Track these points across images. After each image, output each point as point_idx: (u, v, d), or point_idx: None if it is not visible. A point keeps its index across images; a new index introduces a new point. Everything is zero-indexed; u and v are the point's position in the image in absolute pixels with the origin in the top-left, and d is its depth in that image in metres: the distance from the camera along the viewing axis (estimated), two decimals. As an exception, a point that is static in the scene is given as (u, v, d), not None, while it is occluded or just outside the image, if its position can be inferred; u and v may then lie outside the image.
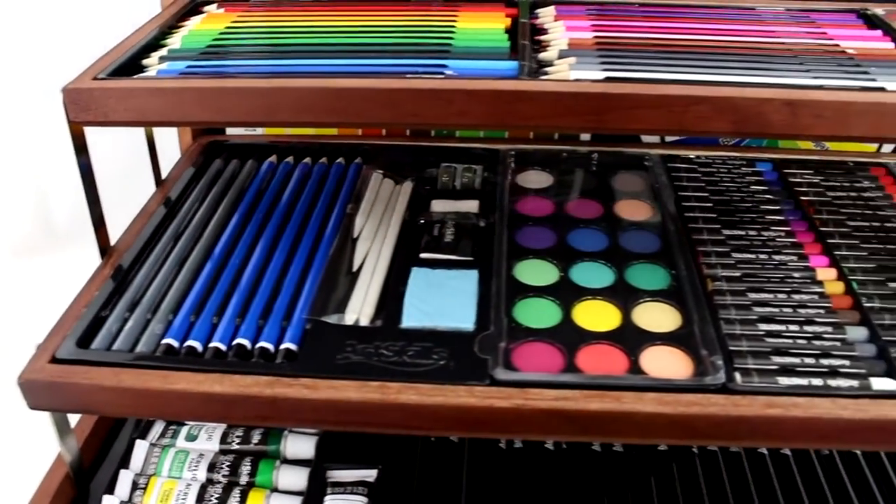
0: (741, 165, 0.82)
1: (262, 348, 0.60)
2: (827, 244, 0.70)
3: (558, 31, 0.68)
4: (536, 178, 0.80)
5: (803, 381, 0.57)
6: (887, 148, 0.87)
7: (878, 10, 0.72)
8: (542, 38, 0.67)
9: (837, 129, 0.55)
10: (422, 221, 0.73)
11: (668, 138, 0.87)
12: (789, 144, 0.87)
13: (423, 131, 0.88)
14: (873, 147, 0.87)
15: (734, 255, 0.68)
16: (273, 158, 0.84)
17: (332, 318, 0.62)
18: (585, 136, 0.88)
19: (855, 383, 0.57)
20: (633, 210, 0.75)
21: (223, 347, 0.61)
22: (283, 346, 0.60)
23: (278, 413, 0.57)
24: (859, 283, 0.66)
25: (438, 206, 0.75)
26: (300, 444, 0.71)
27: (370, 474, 0.69)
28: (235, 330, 0.62)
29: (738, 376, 0.57)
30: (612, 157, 0.83)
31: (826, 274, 0.67)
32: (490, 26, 0.69)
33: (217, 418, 0.63)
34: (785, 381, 0.57)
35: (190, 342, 0.61)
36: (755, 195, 0.77)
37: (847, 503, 0.69)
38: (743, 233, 0.71)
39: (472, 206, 0.74)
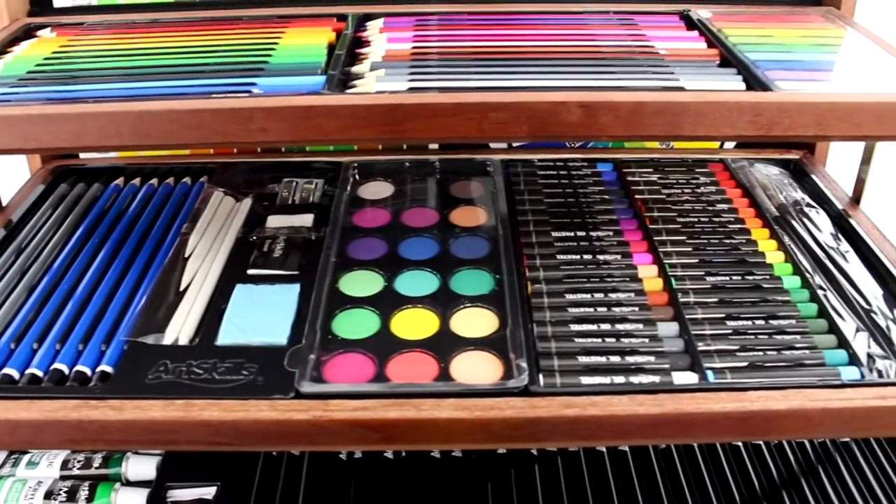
0: (582, 167, 0.82)
1: (78, 372, 0.61)
2: (653, 241, 0.71)
3: (379, 43, 0.69)
4: (377, 189, 0.81)
5: (605, 380, 0.58)
6: (730, 143, 0.88)
7: (704, 13, 0.73)
8: (362, 51, 0.68)
9: (635, 129, 0.56)
10: (254, 238, 0.73)
11: (515, 143, 0.88)
12: (636, 144, 0.88)
13: (274, 147, 0.88)
14: (717, 144, 0.88)
15: (559, 256, 0.69)
16: (120, 181, 0.84)
17: (150, 339, 0.62)
18: (434, 145, 0.88)
19: (657, 379, 0.58)
20: (468, 217, 0.75)
21: (40, 374, 0.61)
22: (99, 369, 0.61)
23: (86, 436, 0.57)
24: (677, 279, 0.67)
25: (273, 221, 0.75)
26: (141, 466, 0.70)
27: (209, 492, 0.69)
28: (55, 355, 0.62)
29: (541, 378, 0.58)
30: (455, 164, 0.84)
31: (647, 271, 0.69)
32: (313, 42, 0.69)
33: (26, 445, 0.63)
34: (587, 380, 0.58)
35: (6, 370, 0.61)
36: (591, 196, 0.78)
37: (680, 497, 0.70)
38: (572, 234, 0.72)
39: (306, 219, 0.75)
